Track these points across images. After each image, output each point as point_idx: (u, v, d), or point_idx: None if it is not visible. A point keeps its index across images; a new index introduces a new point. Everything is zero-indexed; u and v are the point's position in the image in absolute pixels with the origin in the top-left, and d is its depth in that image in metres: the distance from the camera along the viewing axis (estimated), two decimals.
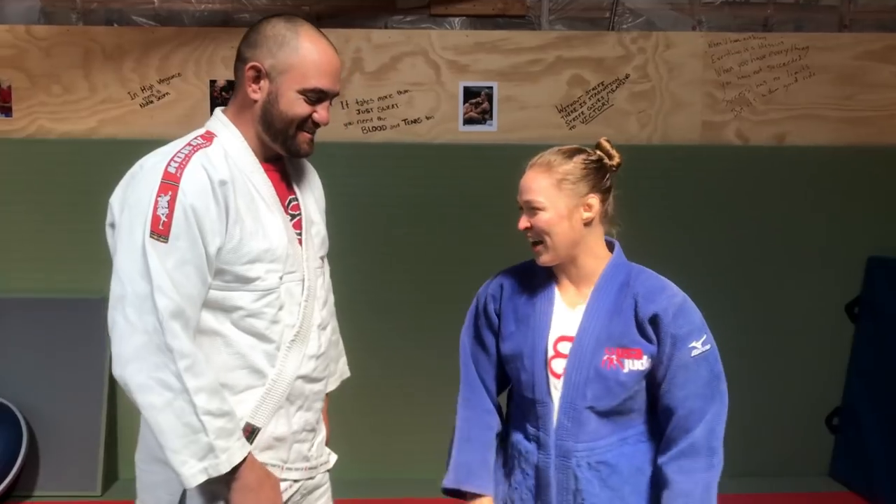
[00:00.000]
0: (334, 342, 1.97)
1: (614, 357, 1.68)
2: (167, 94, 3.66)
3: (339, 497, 1.98)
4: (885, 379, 3.52)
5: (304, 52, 1.65)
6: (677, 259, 3.71)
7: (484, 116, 3.73)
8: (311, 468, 1.80)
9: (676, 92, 3.75)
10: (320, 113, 1.69)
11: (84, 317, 3.48)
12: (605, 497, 1.71)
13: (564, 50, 3.71)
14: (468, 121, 3.73)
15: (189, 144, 1.64)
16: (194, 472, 1.53)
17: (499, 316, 1.83)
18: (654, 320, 1.67)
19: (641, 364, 1.68)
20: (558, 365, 1.72)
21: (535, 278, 1.80)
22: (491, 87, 3.72)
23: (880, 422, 3.53)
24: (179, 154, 1.60)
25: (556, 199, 1.68)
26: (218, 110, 1.75)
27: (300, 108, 1.66)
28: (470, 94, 3.72)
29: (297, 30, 1.66)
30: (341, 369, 2.06)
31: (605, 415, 1.70)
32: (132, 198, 1.58)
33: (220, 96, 3.65)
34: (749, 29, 3.83)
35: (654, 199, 3.59)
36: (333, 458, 1.92)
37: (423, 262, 3.67)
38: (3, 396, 3.49)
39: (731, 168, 3.72)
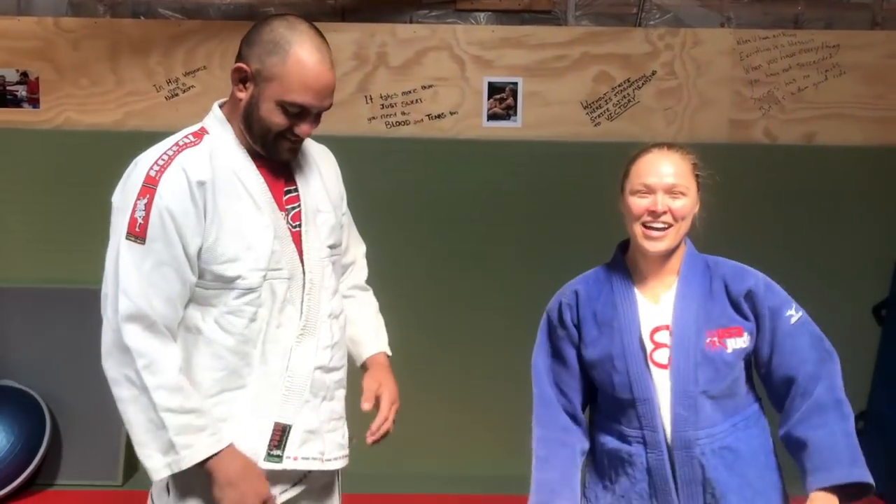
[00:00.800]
0: (373, 315, 2.01)
1: (716, 339, 1.70)
2: (192, 87, 3.67)
3: (361, 492, 1.98)
4: None
5: (291, 64, 1.58)
6: None
7: (508, 112, 3.70)
8: (346, 455, 1.83)
9: (704, 89, 3.70)
10: (301, 127, 1.64)
11: None
12: (734, 484, 1.69)
13: (590, 46, 3.68)
14: (492, 116, 3.70)
15: (176, 144, 1.65)
16: (158, 467, 1.57)
17: (578, 324, 1.78)
18: (749, 296, 1.72)
19: (743, 342, 1.71)
20: (661, 355, 1.70)
21: (610, 282, 1.78)
22: (515, 83, 3.69)
23: None
24: (164, 156, 1.62)
25: (692, 187, 1.76)
26: (215, 105, 1.74)
27: (278, 118, 1.62)
28: (494, 89, 3.69)
29: (292, 38, 1.60)
30: (382, 344, 2.03)
31: (716, 399, 1.70)
32: (120, 200, 1.64)
33: None
34: (779, 26, 3.77)
35: None
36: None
37: (445, 258, 3.65)
38: (27, 386, 3.53)
39: (759, 167, 3.66)
